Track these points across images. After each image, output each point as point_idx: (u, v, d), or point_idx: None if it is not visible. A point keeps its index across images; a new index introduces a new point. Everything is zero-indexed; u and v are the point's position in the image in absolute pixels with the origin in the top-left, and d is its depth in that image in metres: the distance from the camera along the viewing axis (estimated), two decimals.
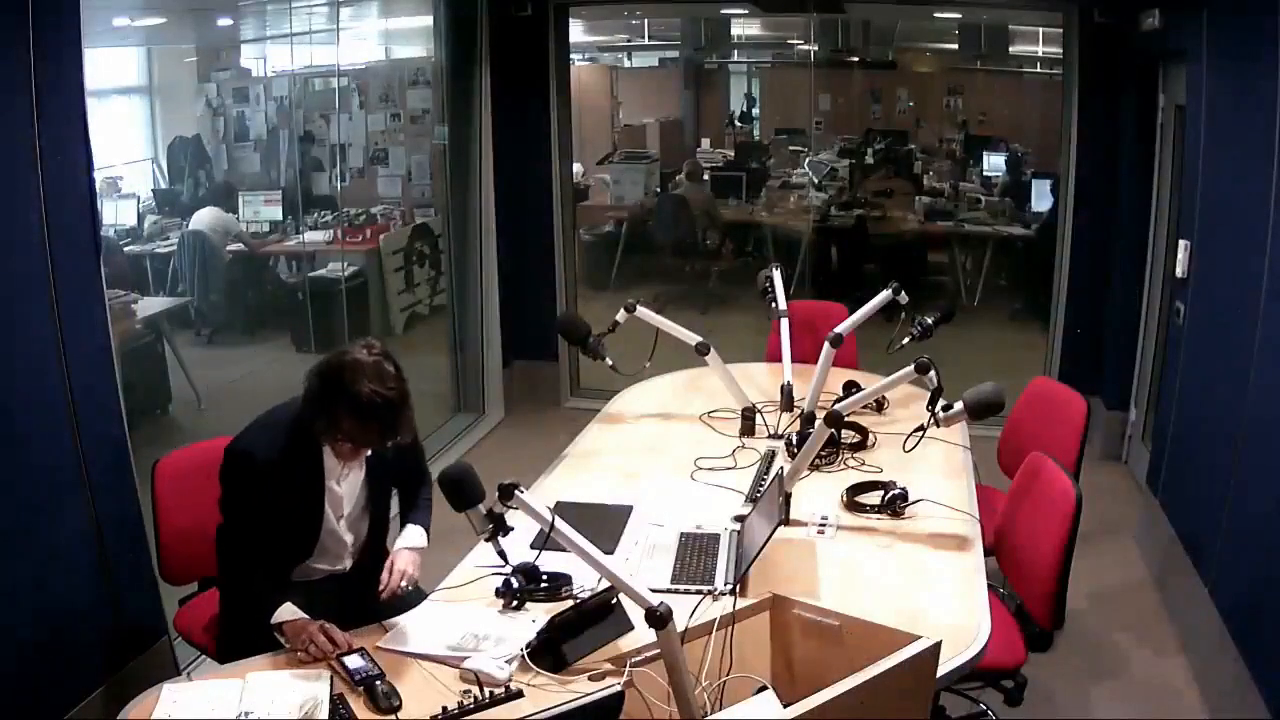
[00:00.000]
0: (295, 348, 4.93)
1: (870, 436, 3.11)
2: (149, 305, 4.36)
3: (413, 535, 2.40)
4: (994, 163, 8.25)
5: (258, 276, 5.19)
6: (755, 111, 10.42)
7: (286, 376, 2.85)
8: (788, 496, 2.51)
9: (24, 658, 2.60)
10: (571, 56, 6.02)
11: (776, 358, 3.48)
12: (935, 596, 2.23)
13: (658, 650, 1.85)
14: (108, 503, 2.81)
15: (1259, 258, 2.95)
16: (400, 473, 2.46)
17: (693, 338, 3.32)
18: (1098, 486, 4.33)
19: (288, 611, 2.12)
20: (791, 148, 8.99)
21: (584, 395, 5.98)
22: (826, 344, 3.17)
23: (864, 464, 2.94)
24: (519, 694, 1.86)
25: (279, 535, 2.26)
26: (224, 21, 5.02)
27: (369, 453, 2.27)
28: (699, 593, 2.19)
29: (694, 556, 2.37)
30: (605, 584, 2.02)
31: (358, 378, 2.07)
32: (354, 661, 1.96)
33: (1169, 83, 4.53)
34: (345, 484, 2.32)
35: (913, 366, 2.51)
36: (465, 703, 1.82)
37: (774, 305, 3.49)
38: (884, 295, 3.28)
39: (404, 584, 2.26)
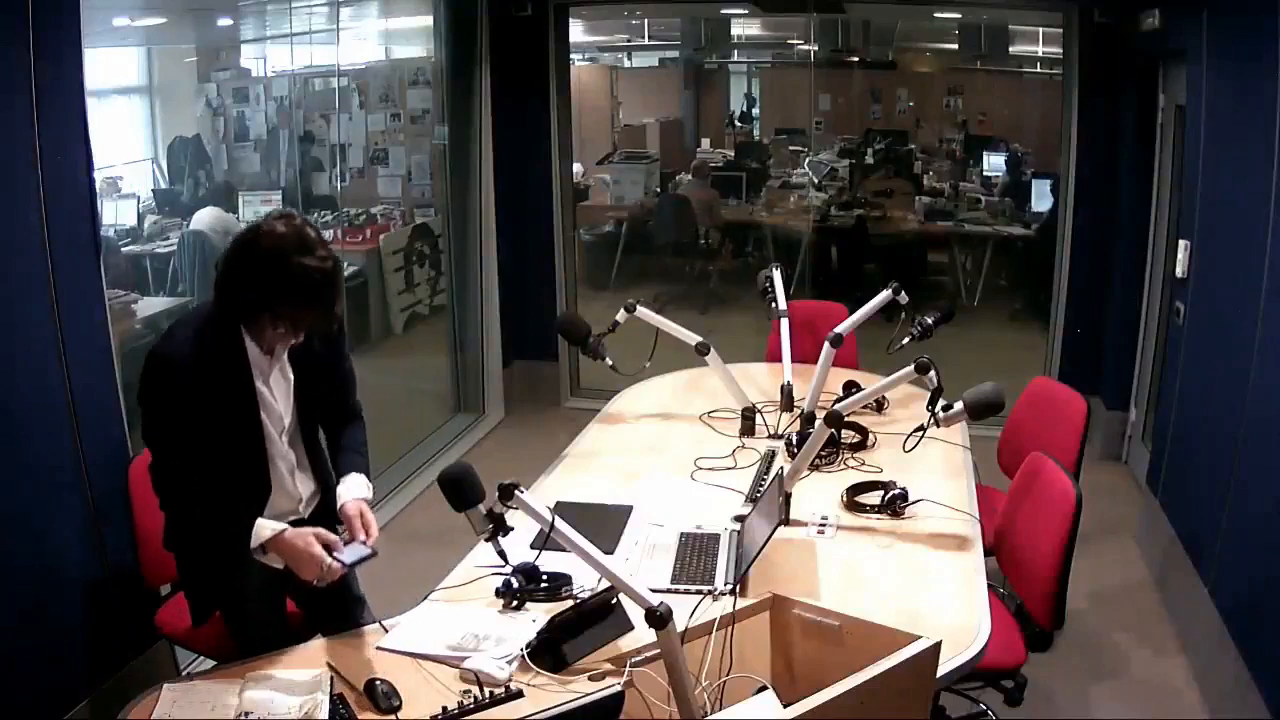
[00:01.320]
0: None
1: (870, 436, 3.11)
2: (149, 305, 4.35)
3: (357, 484, 2.20)
4: (994, 163, 8.25)
5: None
6: (755, 111, 10.42)
7: None
8: (788, 496, 2.51)
9: (23, 658, 2.60)
10: (571, 56, 6.03)
11: (776, 358, 3.48)
12: (935, 596, 2.23)
13: (658, 650, 1.85)
14: (107, 502, 2.80)
15: (1259, 258, 2.95)
16: (329, 384, 2.26)
17: (693, 338, 3.32)
18: (1098, 486, 4.33)
19: (268, 529, 2.01)
20: (791, 148, 9.00)
21: (584, 395, 5.98)
22: (826, 344, 3.17)
23: (864, 464, 2.94)
24: (519, 694, 1.86)
25: (222, 460, 2.07)
26: (224, 21, 5.01)
27: (298, 340, 2.09)
28: (699, 593, 2.19)
29: (694, 556, 2.37)
30: (605, 584, 2.02)
31: (285, 254, 1.91)
32: (352, 555, 2.03)
33: (1169, 83, 4.53)
34: (276, 388, 2.15)
35: (913, 366, 2.51)
36: (465, 703, 1.82)
37: (774, 305, 3.49)
38: (884, 295, 3.28)
39: (367, 538, 2.10)
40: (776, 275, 3.55)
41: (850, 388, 3.30)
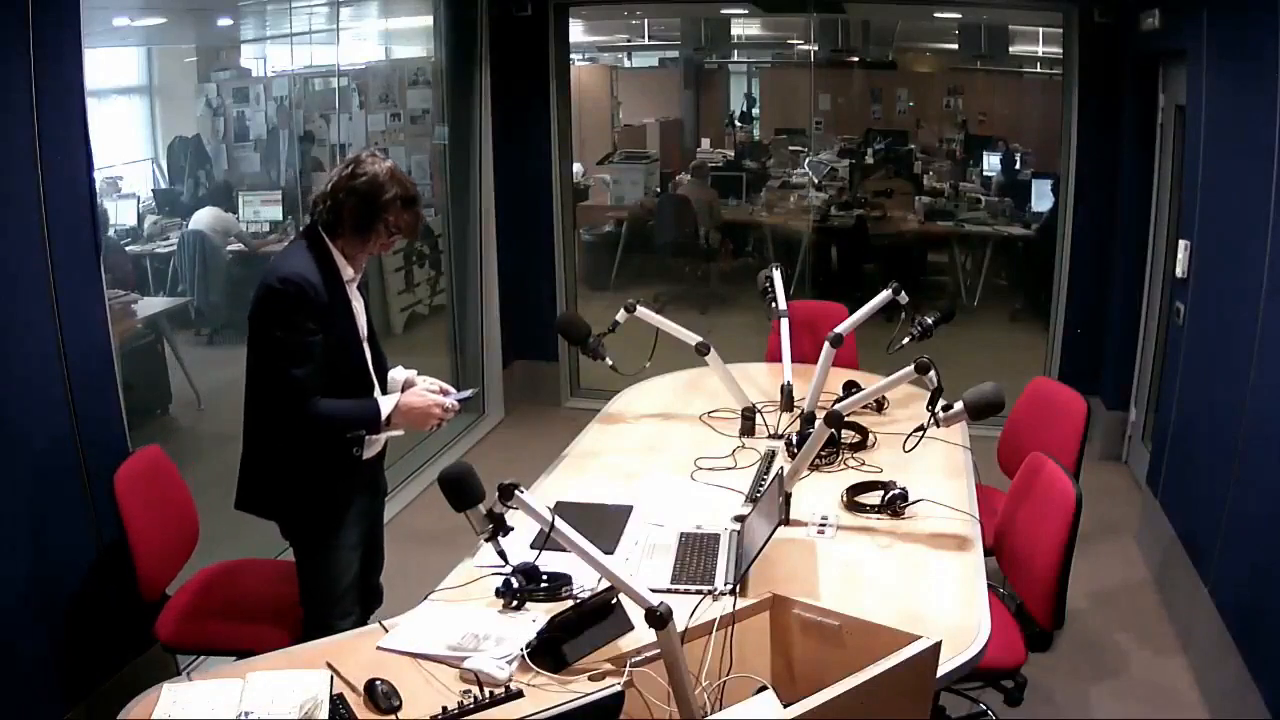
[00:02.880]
0: None
1: (870, 436, 3.11)
2: (149, 305, 4.36)
3: (402, 369, 2.64)
4: (994, 163, 8.25)
5: (258, 276, 5.17)
6: (755, 111, 10.41)
7: None
8: (788, 496, 2.51)
9: (23, 658, 2.60)
10: (571, 56, 6.03)
11: (776, 358, 3.48)
12: (935, 596, 2.23)
13: (658, 650, 1.85)
14: (107, 503, 2.80)
15: (1259, 258, 2.95)
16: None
17: (693, 338, 3.32)
18: (1098, 486, 4.33)
19: (388, 404, 2.41)
20: (791, 148, 8.99)
21: (584, 395, 5.98)
22: (826, 344, 3.17)
23: (864, 464, 2.94)
24: (519, 694, 1.86)
25: (335, 370, 2.37)
26: (224, 21, 5.01)
27: (388, 252, 2.58)
28: (699, 593, 2.19)
29: (694, 556, 2.37)
30: (605, 584, 2.02)
31: (396, 177, 2.37)
32: (460, 394, 2.55)
33: (1169, 83, 4.53)
34: (358, 306, 2.48)
35: (913, 366, 2.51)
36: (465, 703, 1.82)
37: (774, 305, 3.49)
38: (884, 295, 3.28)
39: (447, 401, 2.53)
40: (776, 275, 3.55)
41: (850, 388, 3.30)
